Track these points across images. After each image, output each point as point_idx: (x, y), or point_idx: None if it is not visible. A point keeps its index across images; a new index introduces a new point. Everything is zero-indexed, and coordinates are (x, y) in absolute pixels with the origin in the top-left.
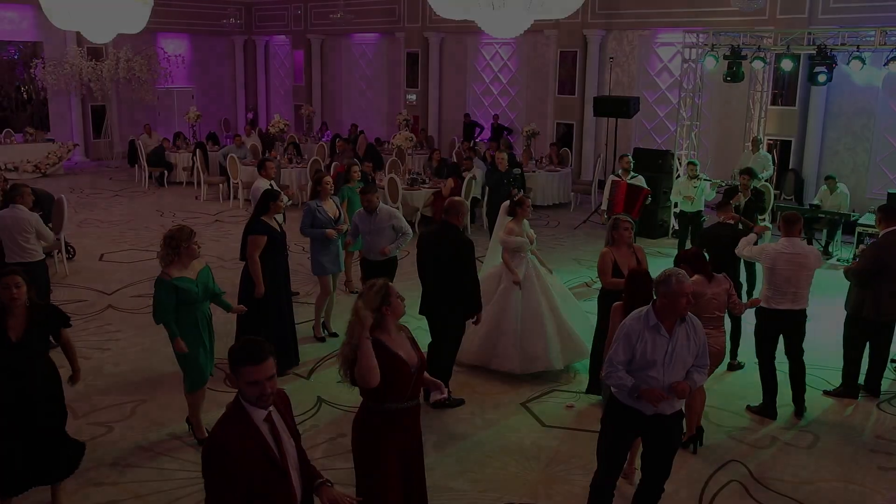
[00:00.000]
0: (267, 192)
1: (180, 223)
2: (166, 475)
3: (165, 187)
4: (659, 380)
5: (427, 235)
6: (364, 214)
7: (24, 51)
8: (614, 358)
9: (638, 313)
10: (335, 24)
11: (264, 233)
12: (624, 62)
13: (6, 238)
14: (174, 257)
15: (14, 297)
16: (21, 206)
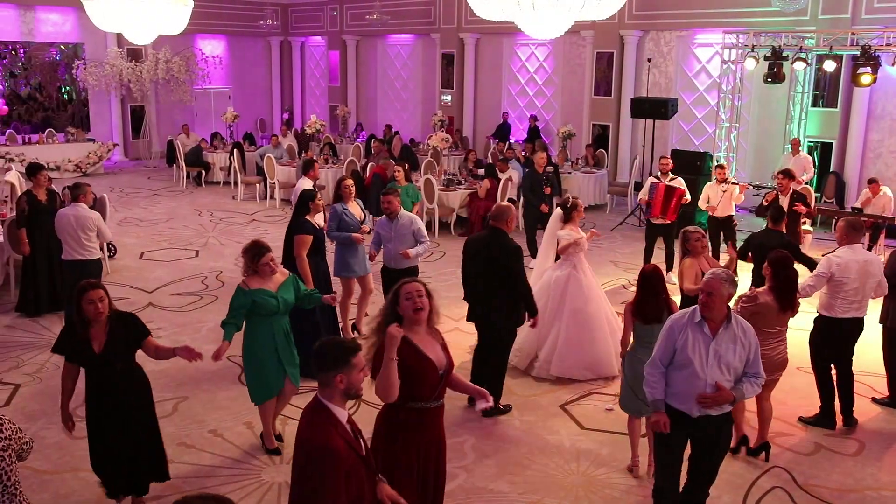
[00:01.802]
0: (305, 193)
1: (256, 238)
2: (209, 471)
3: (203, 187)
4: (700, 380)
5: (474, 242)
6: (385, 221)
7: (66, 52)
8: (656, 356)
9: (685, 311)
10: (371, 26)
11: (311, 232)
12: (661, 63)
13: (67, 235)
14: (250, 272)
15: (100, 312)
16: (83, 204)
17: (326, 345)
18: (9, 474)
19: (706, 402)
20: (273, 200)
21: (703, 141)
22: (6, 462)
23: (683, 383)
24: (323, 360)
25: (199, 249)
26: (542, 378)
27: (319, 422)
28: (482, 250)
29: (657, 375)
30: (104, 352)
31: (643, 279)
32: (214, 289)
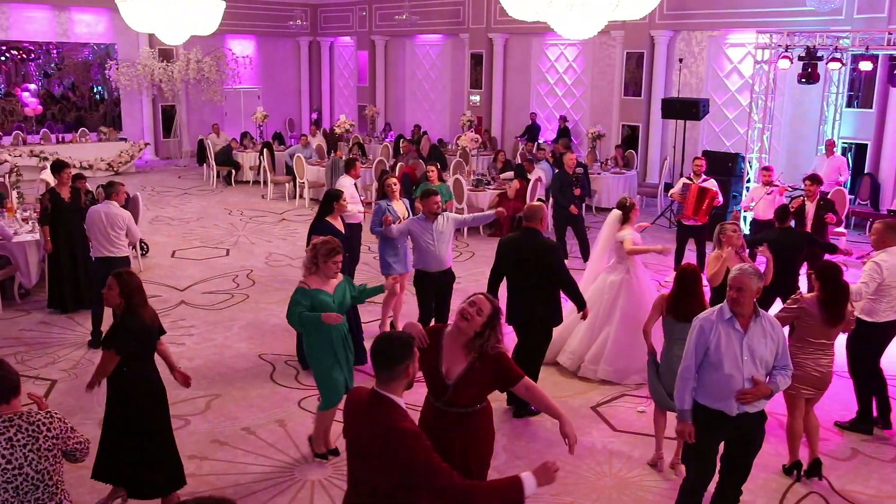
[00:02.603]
0: (329, 193)
1: (327, 238)
2: (242, 469)
3: (232, 186)
4: (735, 377)
5: (507, 242)
6: (423, 222)
7: (99, 52)
8: (689, 360)
9: (712, 309)
10: (399, 26)
11: (327, 233)
12: (692, 63)
13: (97, 232)
14: (314, 269)
15: (105, 298)
16: (115, 202)
17: (392, 339)
18: (51, 474)
19: (746, 398)
20: (302, 200)
21: (735, 142)
22: (49, 462)
23: (719, 382)
24: (394, 354)
25: (230, 248)
26: (586, 378)
27: (392, 412)
28: (514, 252)
29: (687, 385)
30: None
31: (681, 277)
32: (245, 287)
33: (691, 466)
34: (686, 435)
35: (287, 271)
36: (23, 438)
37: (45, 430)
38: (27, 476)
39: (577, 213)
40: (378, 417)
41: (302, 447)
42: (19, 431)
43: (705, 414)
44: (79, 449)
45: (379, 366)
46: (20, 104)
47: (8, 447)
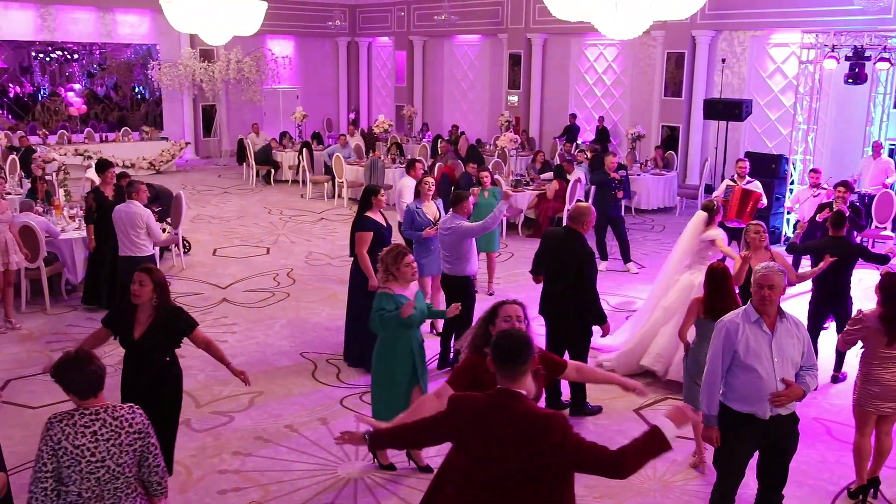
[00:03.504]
0: (367, 189)
1: (392, 246)
2: (286, 466)
3: (272, 185)
4: (766, 379)
5: (550, 235)
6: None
7: (140, 53)
8: (715, 364)
9: (737, 311)
10: (438, 26)
11: (370, 229)
12: (734, 64)
13: (120, 231)
14: (389, 278)
15: (136, 294)
16: (136, 201)
17: (518, 337)
18: (130, 467)
19: (780, 401)
20: (341, 199)
21: (777, 143)
22: (129, 456)
23: (750, 385)
24: (518, 353)
25: (270, 247)
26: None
27: (529, 403)
28: (554, 247)
29: (713, 390)
30: (141, 339)
31: (711, 276)
32: (286, 286)
33: (721, 471)
34: (712, 440)
35: (327, 270)
36: (107, 433)
37: (128, 425)
38: (109, 468)
39: (616, 214)
40: (517, 411)
41: (346, 445)
42: (104, 426)
43: (736, 418)
44: (153, 453)
45: (503, 363)
46: (65, 104)
47: (93, 440)
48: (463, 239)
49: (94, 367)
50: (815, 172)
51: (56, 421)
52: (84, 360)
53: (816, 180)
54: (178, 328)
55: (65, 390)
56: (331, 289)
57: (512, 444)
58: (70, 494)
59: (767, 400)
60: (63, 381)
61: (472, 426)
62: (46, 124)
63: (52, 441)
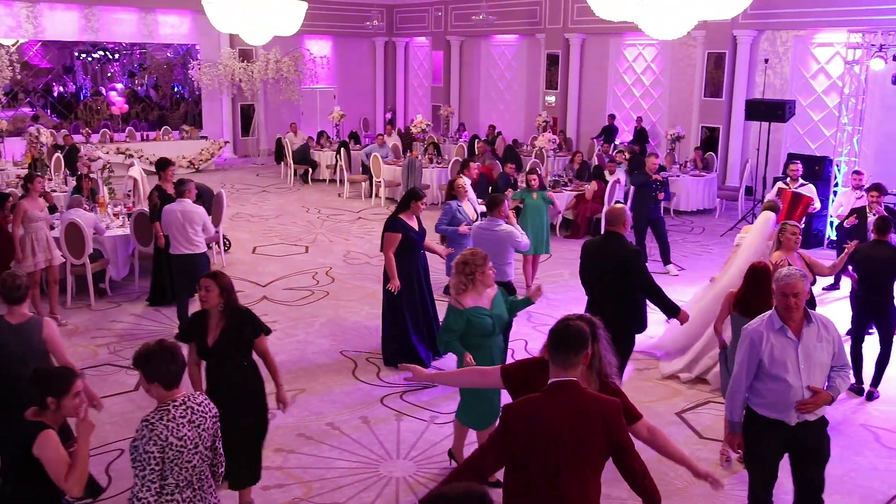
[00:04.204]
0: (410, 192)
1: (472, 250)
2: (328, 463)
3: (309, 184)
4: (794, 386)
5: (590, 246)
6: (490, 224)
7: (180, 53)
8: (741, 373)
9: (762, 318)
10: (475, 26)
11: (399, 231)
12: (776, 64)
13: (175, 230)
14: (468, 285)
15: (202, 300)
16: (188, 199)
17: (569, 328)
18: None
19: (807, 408)
20: (378, 199)
21: (820, 145)
22: (211, 440)
23: (777, 392)
24: (571, 343)
25: (309, 245)
26: (659, 384)
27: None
28: (596, 257)
29: (741, 396)
30: (214, 345)
31: (751, 274)
32: (325, 284)
33: (752, 474)
34: (735, 446)
35: (365, 269)
36: (197, 419)
37: (208, 410)
38: (200, 454)
39: (657, 215)
40: (572, 398)
41: (386, 444)
42: (194, 413)
43: (764, 423)
44: (219, 437)
45: (557, 350)
46: (107, 103)
47: (190, 429)
48: (504, 244)
49: (181, 356)
50: (857, 174)
51: (157, 420)
52: (173, 350)
53: (859, 182)
54: (248, 331)
55: (150, 380)
56: (369, 287)
57: (567, 428)
58: (167, 487)
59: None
60: (152, 370)
61: (533, 426)
62: (89, 123)
63: (160, 440)
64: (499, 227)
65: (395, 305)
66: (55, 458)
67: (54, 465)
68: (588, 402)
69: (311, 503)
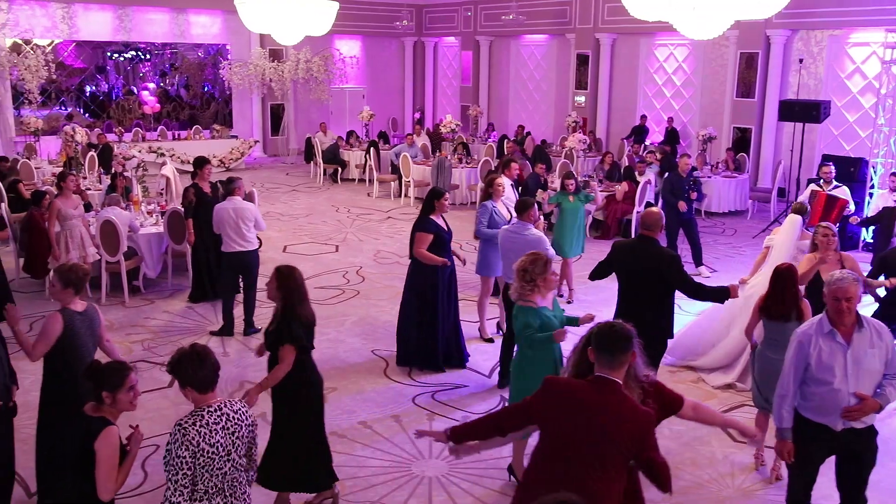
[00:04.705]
0: (432, 191)
1: (534, 253)
2: (360, 462)
3: (339, 184)
4: (842, 392)
5: (623, 249)
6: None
7: (211, 53)
8: (789, 376)
9: (812, 321)
10: (505, 26)
11: (432, 231)
12: (810, 64)
13: (228, 228)
14: (533, 290)
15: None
16: (237, 197)
17: (619, 328)
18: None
19: (852, 416)
20: (407, 198)
21: (855, 146)
22: (246, 448)
23: (823, 397)
24: (617, 343)
25: (339, 245)
26: (693, 386)
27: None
28: (630, 261)
29: (789, 402)
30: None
31: (775, 276)
32: (355, 283)
33: (793, 477)
34: (784, 454)
35: (395, 269)
36: (231, 426)
37: (245, 418)
38: (233, 461)
39: (689, 216)
40: (611, 398)
41: (418, 443)
42: (228, 420)
43: (809, 426)
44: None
45: (601, 351)
46: (139, 102)
47: (223, 436)
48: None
49: (212, 360)
50: (894, 176)
51: (190, 425)
52: (204, 354)
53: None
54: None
55: (183, 384)
56: (399, 287)
57: (596, 427)
58: (197, 493)
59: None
60: (183, 374)
61: (563, 403)
62: (121, 122)
63: (192, 445)
64: (528, 232)
65: (425, 309)
66: (111, 457)
67: (107, 464)
68: (625, 408)
69: (344, 501)
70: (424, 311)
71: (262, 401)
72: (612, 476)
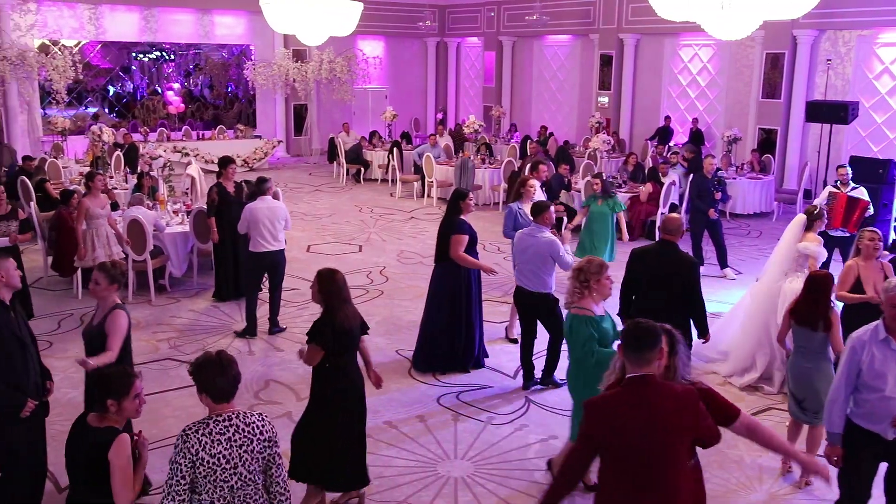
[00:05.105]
0: (456, 193)
1: (589, 258)
2: (385, 461)
3: (361, 184)
4: (894, 400)
5: (642, 255)
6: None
7: (235, 53)
8: (841, 380)
9: (867, 327)
10: (528, 27)
11: (467, 232)
12: (837, 65)
13: (262, 228)
14: (584, 292)
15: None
16: (269, 197)
17: (646, 325)
18: (259, 474)
19: None
20: (430, 199)
21: (883, 147)
22: (259, 463)
23: (875, 404)
24: (647, 338)
25: (362, 245)
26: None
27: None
28: (649, 266)
29: (839, 407)
30: None
31: (809, 282)
32: (379, 283)
33: (843, 485)
34: (833, 460)
35: (419, 269)
36: (240, 439)
37: (259, 432)
38: (241, 476)
39: (716, 218)
40: (650, 393)
41: (444, 443)
42: (237, 432)
43: (860, 433)
44: (276, 463)
45: (629, 348)
46: (164, 102)
47: (228, 448)
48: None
49: (234, 371)
50: None
51: (192, 432)
52: (226, 363)
53: None
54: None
55: (200, 390)
56: (423, 287)
57: (654, 422)
58: (201, 502)
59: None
60: (201, 380)
61: (611, 418)
62: (146, 122)
63: (191, 453)
64: (541, 235)
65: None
66: (126, 466)
67: (123, 472)
68: (663, 393)
69: (370, 500)
70: (455, 313)
71: (286, 401)
72: (685, 460)
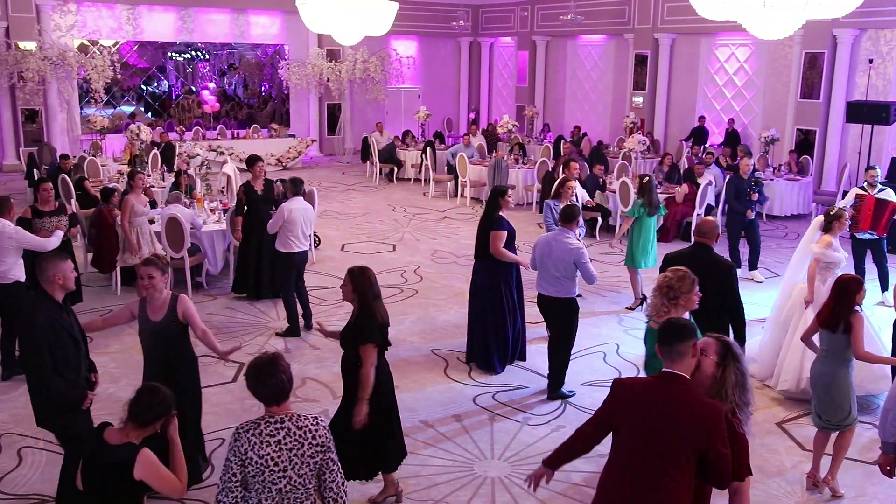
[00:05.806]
0: (495, 189)
1: (677, 269)
2: (422, 460)
3: (394, 183)
4: None
5: (676, 258)
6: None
7: (269, 53)
8: (893, 390)
9: None
10: (562, 26)
11: (506, 228)
12: (879, 64)
13: (297, 229)
14: (670, 309)
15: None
16: (300, 198)
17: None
18: (310, 478)
19: None
20: (463, 198)
21: None
22: (310, 468)
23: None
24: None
25: (396, 244)
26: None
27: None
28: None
29: (894, 416)
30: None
31: (838, 286)
32: (413, 283)
33: None
34: (885, 469)
35: (453, 268)
36: (290, 442)
37: (311, 437)
38: (290, 479)
39: (753, 219)
40: (677, 392)
41: (480, 443)
42: (288, 435)
43: None
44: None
45: (663, 343)
46: (199, 101)
47: (277, 450)
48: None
49: (280, 376)
50: None
51: (243, 431)
52: (272, 368)
53: None
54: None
55: (252, 393)
56: (457, 287)
57: (666, 419)
58: (250, 500)
59: None
60: (249, 384)
61: (634, 399)
62: (182, 121)
63: (240, 452)
64: (567, 240)
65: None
66: (158, 472)
67: (159, 478)
68: (691, 398)
69: (407, 499)
70: (497, 309)
71: (323, 399)
72: (686, 472)
